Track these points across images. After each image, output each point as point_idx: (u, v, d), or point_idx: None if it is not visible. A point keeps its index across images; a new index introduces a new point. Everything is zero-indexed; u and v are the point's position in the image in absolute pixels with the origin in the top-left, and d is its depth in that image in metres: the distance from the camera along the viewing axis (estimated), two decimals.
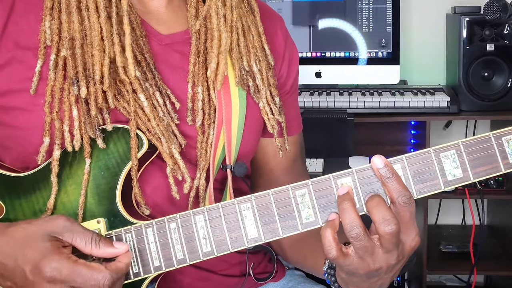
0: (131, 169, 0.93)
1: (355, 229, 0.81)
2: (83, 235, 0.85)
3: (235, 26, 1.02)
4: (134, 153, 0.92)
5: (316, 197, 0.84)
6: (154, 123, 0.95)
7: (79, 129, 0.93)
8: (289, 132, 1.13)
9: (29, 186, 0.95)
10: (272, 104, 1.07)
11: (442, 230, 2.72)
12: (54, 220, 0.85)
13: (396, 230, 0.80)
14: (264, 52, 1.07)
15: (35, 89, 0.93)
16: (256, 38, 1.06)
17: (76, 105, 0.93)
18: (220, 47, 0.99)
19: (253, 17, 1.07)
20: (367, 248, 0.82)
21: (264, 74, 1.06)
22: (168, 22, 1.03)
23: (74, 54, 0.93)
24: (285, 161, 1.16)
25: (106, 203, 0.93)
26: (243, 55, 1.03)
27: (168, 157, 0.96)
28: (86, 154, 0.93)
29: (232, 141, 1.02)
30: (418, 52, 2.69)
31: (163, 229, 0.89)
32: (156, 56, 0.99)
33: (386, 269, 0.84)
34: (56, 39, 0.94)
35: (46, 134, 0.93)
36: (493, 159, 0.83)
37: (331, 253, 0.83)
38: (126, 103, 0.95)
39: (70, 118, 0.93)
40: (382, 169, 0.82)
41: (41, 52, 0.94)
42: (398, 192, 0.81)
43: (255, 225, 0.86)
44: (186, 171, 0.97)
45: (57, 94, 0.93)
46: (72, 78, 0.92)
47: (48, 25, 0.94)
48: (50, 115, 0.93)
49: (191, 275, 1.04)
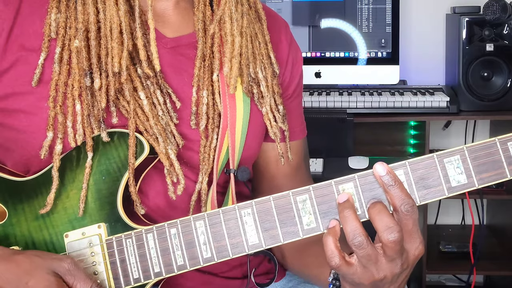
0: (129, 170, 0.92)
1: (357, 237, 0.80)
2: (83, 283, 0.86)
3: (245, 32, 1.01)
4: (132, 152, 0.92)
5: (317, 203, 0.84)
6: (152, 122, 0.94)
7: (81, 124, 0.93)
8: (292, 137, 1.13)
9: (31, 190, 0.95)
10: (276, 112, 1.06)
11: (441, 230, 2.72)
12: (61, 260, 0.87)
13: (399, 238, 0.79)
14: (270, 60, 1.06)
15: (37, 80, 0.93)
16: (263, 46, 1.05)
17: (80, 100, 0.93)
18: (233, 51, 0.99)
19: (260, 25, 1.07)
20: (371, 257, 0.81)
21: (269, 82, 1.05)
22: (174, 25, 1.03)
23: (88, 46, 0.92)
24: (287, 167, 1.15)
25: (107, 208, 0.93)
26: (250, 62, 1.03)
27: (165, 158, 0.95)
28: (88, 148, 0.93)
29: (235, 145, 1.02)
30: (417, 52, 2.69)
31: (163, 235, 0.89)
32: (161, 59, 0.99)
33: (391, 279, 0.83)
34: (62, 32, 0.94)
35: (50, 129, 0.93)
36: (499, 164, 0.81)
37: (333, 261, 0.82)
38: (126, 102, 0.94)
39: (73, 112, 0.93)
40: (385, 177, 0.81)
41: (45, 45, 0.94)
42: (401, 200, 0.80)
43: (256, 231, 0.85)
44: (180, 172, 0.96)
45: (61, 88, 0.93)
46: (85, 69, 0.92)
47: (54, 18, 0.94)
48: (54, 109, 0.93)
49: (194, 279, 1.04)
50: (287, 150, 1.10)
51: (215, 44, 1.01)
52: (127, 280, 0.90)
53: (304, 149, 1.20)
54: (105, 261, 0.91)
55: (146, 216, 0.96)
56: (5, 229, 0.95)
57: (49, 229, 0.94)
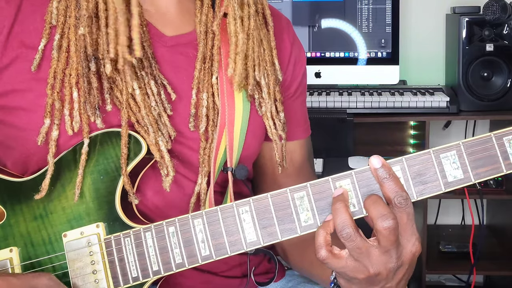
0: (121, 160, 0.92)
1: (345, 228, 0.80)
2: None
3: (252, 34, 1.01)
4: (124, 142, 0.92)
5: (315, 200, 0.84)
6: (144, 112, 0.94)
7: (78, 111, 0.93)
8: (295, 136, 1.13)
9: (30, 191, 0.95)
10: (277, 119, 1.06)
11: (441, 230, 2.72)
12: (39, 277, 0.87)
13: (393, 225, 0.79)
14: (274, 67, 1.06)
15: (36, 65, 0.94)
16: (267, 52, 1.05)
17: (77, 87, 0.93)
18: (237, 48, 0.99)
19: (267, 31, 1.06)
20: (361, 249, 0.80)
21: (271, 88, 1.05)
22: (174, 23, 1.03)
23: (91, 32, 0.93)
24: (291, 167, 1.15)
25: (106, 208, 0.93)
26: (255, 65, 1.02)
27: (155, 149, 0.95)
28: (84, 134, 0.93)
29: (234, 143, 1.02)
30: (417, 52, 2.69)
31: (161, 233, 0.89)
32: (161, 57, 0.99)
33: (386, 276, 0.83)
34: (61, 20, 0.94)
35: (47, 116, 0.93)
36: (495, 159, 0.81)
37: (319, 253, 0.82)
38: (119, 92, 0.94)
39: (71, 100, 0.93)
40: (380, 170, 0.81)
41: (45, 32, 0.94)
42: (394, 193, 0.80)
43: (254, 228, 0.86)
44: (170, 164, 0.96)
45: (59, 76, 0.93)
46: (90, 55, 0.93)
47: (56, 5, 0.95)
48: (51, 96, 0.93)
49: (193, 278, 1.04)
50: (282, 158, 1.10)
51: (215, 46, 1.01)
52: (126, 279, 0.90)
53: (307, 149, 1.19)
54: (103, 260, 0.91)
55: (144, 216, 0.97)
56: (4, 230, 0.95)
57: (48, 229, 0.94)
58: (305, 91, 1.19)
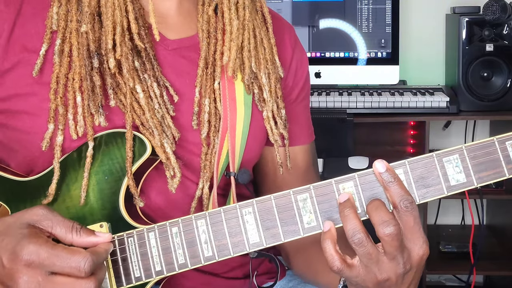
0: (126, 164, 0.93)
1: (357, 234, 0.79)
2: (63, 224, 0.82)
3: (247, 25, 1.02)
4: (129, 145, 0.92)
5: (318, 202, 0.84)
6: (148, 115, 0.94)
7: (82, 115, 0.93)
8: (298, 141, 1.12)
9: (34, 190, 0.95)
10: (278, 117, 1.06)
11: (441, 230, 2.73)
12: (33, 209, 0.83)
13: (395, 232, 0.79)
14: (275, 65, 1.06)
15: (38, 71, 0.94)
16: (268, 51, 1.05)
17: (80, 91, 0.93)
18: (232, 34, 1.00)
19: (266, 29, 1.07)
20: (371, 255, 0.80)
21: (272, 87, 1.05)
22: (176, 27, 1.03)
23: (93, 30, 0.93)
24: (295, 172, 1.13)
25: (110, 208, 0.93)
26: (252, 56, 1.03)
27: (161, 151, 0.95)
28: (89, 137, 0.93)
29: (236, 148, 1.02)
30: (417, 52, 2.69)
31: (165, 234, 0.89)
32: (163, 61, 0.99)
33: (395, 281, 0.82)
34: (62, 24, 0.94)
35: (51, 121, 0.93)
36: (497, 164, 0.81)
37: (335, 266, 0.81)
38: (123, 95, 0.95)
39: (74, 104, 0.93)
40: (384, 174, 0.81)
41: (46, 37, 0.95)
42: (400, 197, 0.80)
43: (257, 229, 0.86)
44: (177, 166, 0.96)
45: (61, 80, 0.93)
46: (92, 51, 0.93)
47: (56, 11, 0.95)
48: (54, 101, 0.93)
49: (194, 279, 1.04)
50: (286, 158, 1.09)
51: (218, 51, 1.01)
52: (129, 278, 0.90)
53: (312, 154, 1.18)
54: (106, 260, 0.91)
55: (147, 216, 0.97)
56: None
57: None
58: (308, 96, 1.19)
